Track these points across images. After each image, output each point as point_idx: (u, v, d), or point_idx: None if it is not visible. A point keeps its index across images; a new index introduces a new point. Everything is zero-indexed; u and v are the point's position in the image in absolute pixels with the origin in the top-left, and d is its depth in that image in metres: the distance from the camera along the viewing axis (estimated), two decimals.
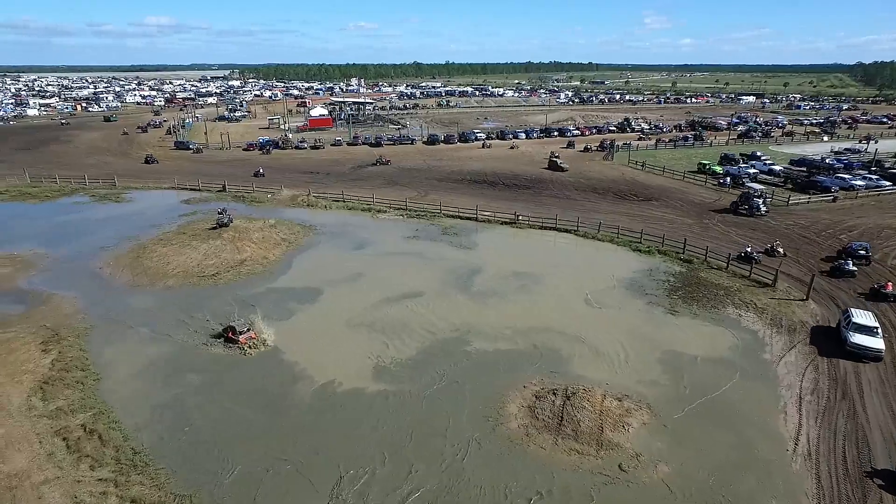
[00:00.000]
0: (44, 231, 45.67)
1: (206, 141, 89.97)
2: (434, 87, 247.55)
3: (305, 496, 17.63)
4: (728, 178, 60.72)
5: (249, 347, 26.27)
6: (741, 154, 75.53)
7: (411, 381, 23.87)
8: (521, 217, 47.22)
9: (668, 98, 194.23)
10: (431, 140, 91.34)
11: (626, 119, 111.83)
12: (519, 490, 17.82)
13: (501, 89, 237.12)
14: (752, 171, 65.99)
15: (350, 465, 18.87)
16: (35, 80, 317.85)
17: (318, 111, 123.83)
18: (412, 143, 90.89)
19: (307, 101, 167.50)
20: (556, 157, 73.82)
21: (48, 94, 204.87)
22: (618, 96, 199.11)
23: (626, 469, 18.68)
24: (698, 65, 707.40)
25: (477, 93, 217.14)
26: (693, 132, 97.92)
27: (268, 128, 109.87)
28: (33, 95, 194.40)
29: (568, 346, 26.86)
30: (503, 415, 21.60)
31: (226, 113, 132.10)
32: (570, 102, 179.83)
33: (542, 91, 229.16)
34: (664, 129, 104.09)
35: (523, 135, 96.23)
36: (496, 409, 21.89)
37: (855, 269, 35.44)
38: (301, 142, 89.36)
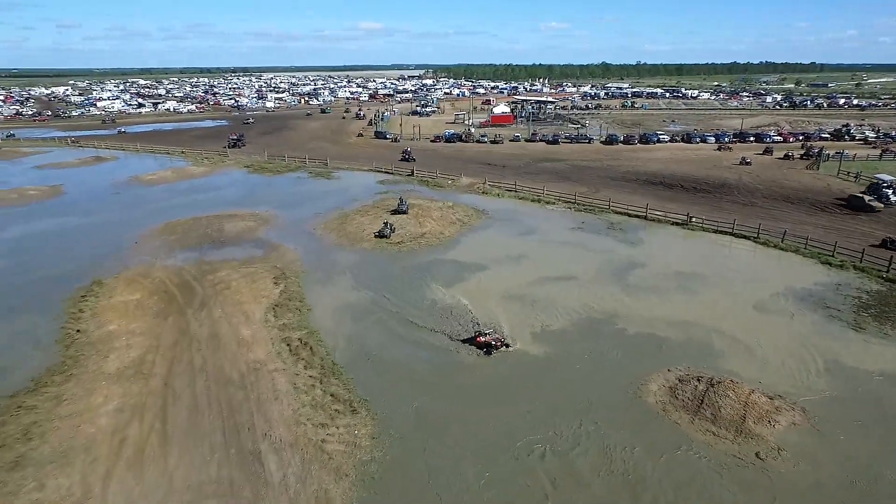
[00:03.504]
0: (276, 197, 56.98)
1: (401, 132, 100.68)
2: (620, 89, 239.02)
3: (470, 435, 21.17)
4: None
5: (496, 348, 26.07)
6: None
7: (555, 348, 26.11)
8: (693, 219, 45.73)
9: None
10: (610, 140, 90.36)
11: (846, 125, 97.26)
12: (643, 450, 19.18)
13: (696, 91, 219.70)
14: None
15: (510, 413, 21.96)
16: (271, 78, 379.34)
17: (501, 109, 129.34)
18: (589, 143, 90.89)
19: (491, 99, 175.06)
20: (747, 161, 68.38)
21: (281, 89, 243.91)
22: (842, 100, 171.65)
23: (763, 458, 18.81)
24: None
25: (667, 95, 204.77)
26: None
27: (453, 122, 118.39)
28: (270, 91, 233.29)
29: (723, 343, 26.60)
30: (643, 390, 22.80)
31: (418, 108, 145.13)
32: (778, 106, 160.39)
33: (744, 94, 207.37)
34: None
35: (712, 139, 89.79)
36: (637, 385, 23.15)
37: None
38: (482, 136, 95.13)
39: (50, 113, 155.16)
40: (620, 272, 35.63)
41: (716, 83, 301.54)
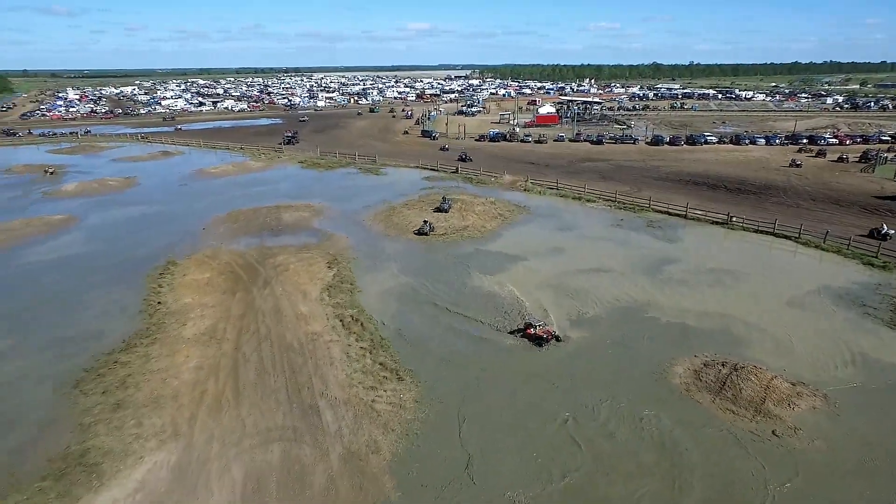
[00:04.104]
0: (328, 190, 60.51)
1: (446, 131, 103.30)
2: (670, 90, 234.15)
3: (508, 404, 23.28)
4: None
5: (546, 341, 26.74)
6: None
7: (588, 333, 27.81)
8: (734, 218, 46.11)
9: None
10: (655, 141, 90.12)
11: None
12: (664, 421, 20.77)
13: (750, 92, 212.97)
14: None
15: (541, 387, 23.97)
16: (322, 78, 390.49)
17: (546, 109, 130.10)
18: (634, 143, 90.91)
19: (537, 99, 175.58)
20: (797, 164, 67.58)
21: (331, 89, 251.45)
22: None
23: (778, 435, 20.08)
24: None
25: (719, 96, 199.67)
26: None
27: (498, 122, 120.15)
28: (321, 91, 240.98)
29: (752, 334, 27.62)
30: (668, 372, 24.28)
31: (463, 108, 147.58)
32: (838, 108, 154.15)
33: (802, 95, 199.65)
34: None
35: (763, 141, 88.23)
36: (663, 368, 24.63)
37: None
38: (526, 136, 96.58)
39: (120, 110, 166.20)
40: (655, 266, 36.80)
41: (773, 84, 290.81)
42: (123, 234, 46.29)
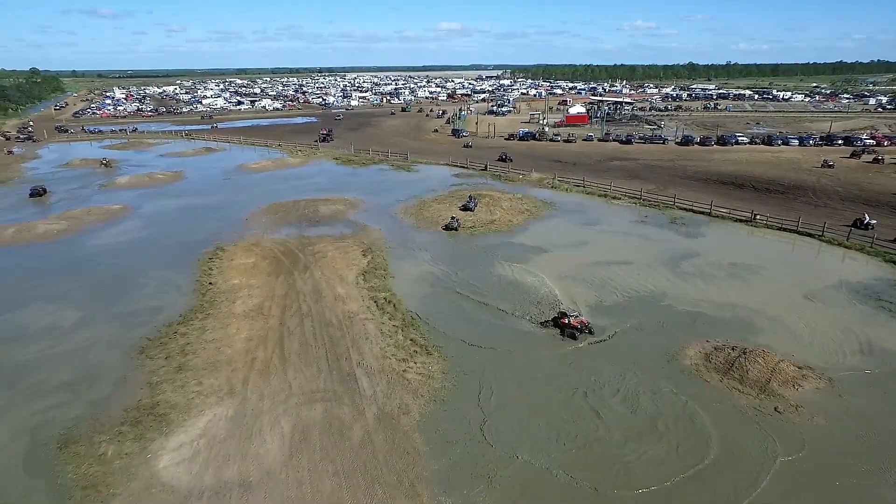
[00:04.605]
0: (362, 185, 63.33)
1: (476, 130, 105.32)
2: (705, 90, 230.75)
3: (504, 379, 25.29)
4: None
5: (579, 332, 27.33)
6: None
7: (606, 318, 29.51)
8: (758, 216, 46.86)
9: None
10: (685, 140, 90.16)
11: None
12: (673, 395, 22.44)
13: (788, 93, 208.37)
14: None
15: (558, 363, 25.91)
16: (355, 77, 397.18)
17: (577, 109, 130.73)
18: (664, 143, 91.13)
19: (568, 99, 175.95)
20: (829, 164, 67.38)
21: (364, 89, 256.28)
22: None
23: (780, 412, 21.52)
24: None
25: (755, 96, 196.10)
26: None
27: (528, 122, 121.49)
28: (354, 90, 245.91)
29: (764, 323, 28.86)
30: (681, 354, 25.84)
31: (494, 108, 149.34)
32: (880, 108, 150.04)
33: (844, 95, 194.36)
34: None
35: (796, 141, 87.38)
36: (676, 350, 26.20)
37: None
38: (555, 135, 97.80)
39: (164, 109, 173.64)
40: (675, 260, 38.12)
41: (814, 84, 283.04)
42: (174, 222, 49.90)
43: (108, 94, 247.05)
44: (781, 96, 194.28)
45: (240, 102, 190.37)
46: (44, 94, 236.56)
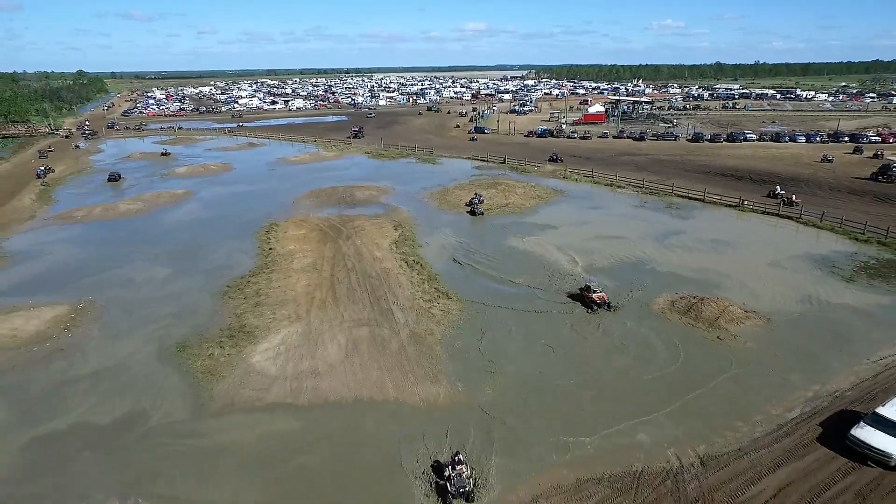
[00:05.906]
0: (392, 175, 70.57)
1: (497, 128, 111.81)
2: (728, 90, 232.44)
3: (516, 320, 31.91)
4: None
5: (598, 306, 30.91)
6: None
7: (595, 277, 35.83)
8: (745, 202, 52.37)
9: None
10: (695, 137, 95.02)
11: None
12: (640, 327, 28.76)
13: (812, 92, 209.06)
14: None
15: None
16: (382, 78, 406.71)
17: (595, 108, 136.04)
18: (675, 140, 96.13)
19: (589, 99, 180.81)
20: (828, 159, 72.24)
21: (391, 89, 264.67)
22: None
23: (721, 339, 27.66)
24: None
25: (777, 96, 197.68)
26: None
27: (548, 120, 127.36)
28: (382, 90, 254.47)
29: (728, 282, 34.77)
30: (652, 302, 32.07)
31: (516, 107, 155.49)
32: None
33: (870, 95, 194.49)
34: None
35: (802, 138, 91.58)
36: (648, 298, 32.44)
37: None
38: (572, 132, 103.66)
39: (204, 108, 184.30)
40: (664, 235, 44.15)
41: (842, 84, 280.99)
42: (230, 205, 57.77)
43: (149, 94, 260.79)
44: (804, 96, 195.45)
45: (274, 102, 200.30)
46: (91, 95, 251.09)
